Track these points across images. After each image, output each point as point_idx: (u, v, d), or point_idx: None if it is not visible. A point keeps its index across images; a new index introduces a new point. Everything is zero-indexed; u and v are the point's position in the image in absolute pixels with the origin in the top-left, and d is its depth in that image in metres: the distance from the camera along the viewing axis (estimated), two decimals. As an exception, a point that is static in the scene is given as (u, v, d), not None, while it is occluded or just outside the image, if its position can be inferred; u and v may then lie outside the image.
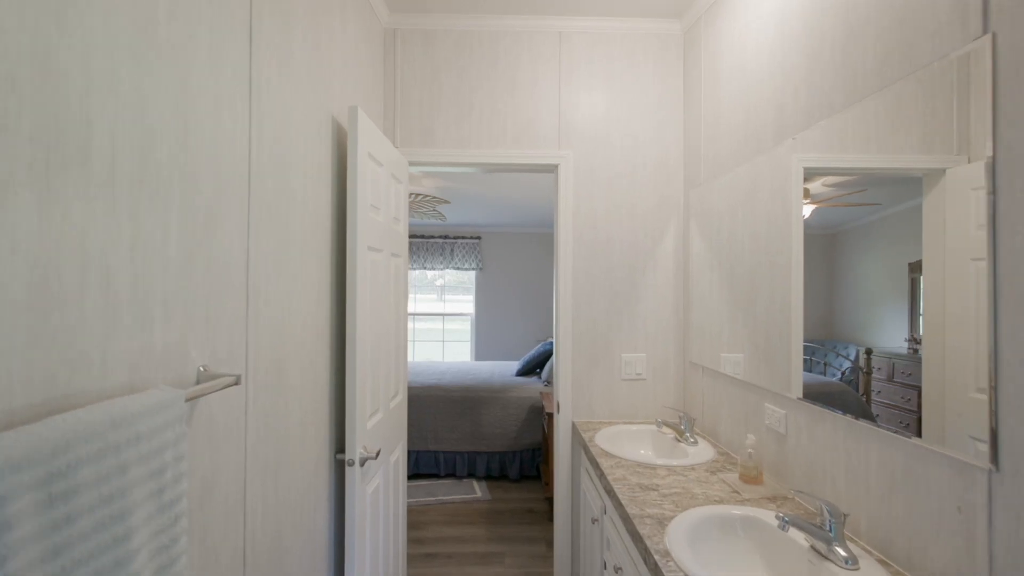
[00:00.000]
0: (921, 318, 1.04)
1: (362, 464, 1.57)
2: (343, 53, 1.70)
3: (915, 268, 1.05)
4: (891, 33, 1.12)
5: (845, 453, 1.24)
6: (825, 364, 1.35)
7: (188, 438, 0.84)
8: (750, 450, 1.54)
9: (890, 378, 1.12)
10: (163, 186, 0.78)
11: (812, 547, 1.13)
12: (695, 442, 1.90)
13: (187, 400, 0.73)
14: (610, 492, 1.54)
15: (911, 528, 1.04)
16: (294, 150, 1.29)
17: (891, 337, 1.12)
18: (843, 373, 1.29)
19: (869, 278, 1.19)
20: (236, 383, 0.87)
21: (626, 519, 1.35)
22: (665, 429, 2.05)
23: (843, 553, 1.06)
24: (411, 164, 2.32)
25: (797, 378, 1.46)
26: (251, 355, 1.06)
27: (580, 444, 2.10)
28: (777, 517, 1.11)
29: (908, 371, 1.07)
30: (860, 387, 1.22)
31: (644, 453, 2.06)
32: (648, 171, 2.34)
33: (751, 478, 1.52)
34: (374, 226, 1.74)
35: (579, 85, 2.33)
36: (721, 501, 1.41)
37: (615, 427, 2.15)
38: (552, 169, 2.36)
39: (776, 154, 1.57)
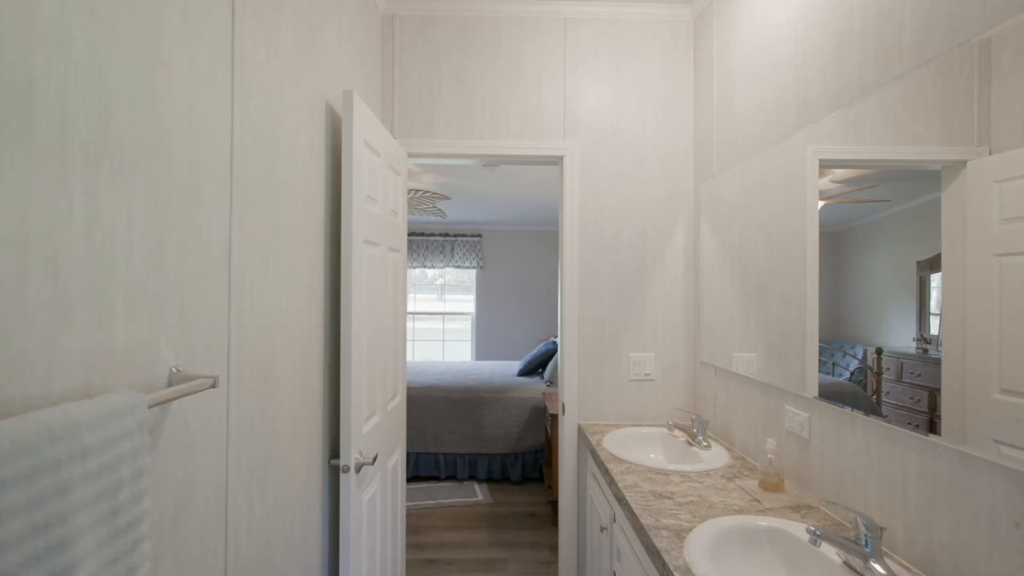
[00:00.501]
0: (932, 317, 1.01)
1: (358, 470, 1.48)
2: (338, 35, 1.61)
3: (924, 266, 1.02)
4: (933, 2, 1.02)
5: (879, 460, 1.14)
6: (833, 364, 1.32)
7: (155, 449, 0.74)
8: (770, 456, 1.44)
9: (899, 378, 1.09)
10: (127, 162, 0.69)
11: (846, 563, 1.04)
12: (708, 446, 1.81)
13: (151, 405, 0.64)
14: (621, 500, 1.45)
15: (958, 544, 0.95)
16: (283, 134, 1.20)
17: (898, 337, 1.10)
18: (852, 373, 1.25)
19: (876, 277, 1.16)
20: (213, 386, 0.78)
21: (640, 530, 1.26)
22: (676, 432, 1.96)
23: (881, 571, 0.97)
24: (410, 156, 2.23)
25: (812, 377, 1.39)
26: (234, 354, 0.97)
27: (587, 447, 2.01)
28: (808, 531, 1.01)
29: (917, 371, 1.04)
30: (870, 387, 1.19)
31: (655, 457, 1.96)
32: (657, 164, 2.25)
33: (772, 486, 1.43)
34: (371, 218, 1.65)
35: (585, 74, 2.24)
36: (741, 511, 1.32)
37: (623, 430, 2.06)
38: (557, 161, 2.27)
39: (790, 145, 1.51)
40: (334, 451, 1.56)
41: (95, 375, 0.63)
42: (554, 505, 3.28)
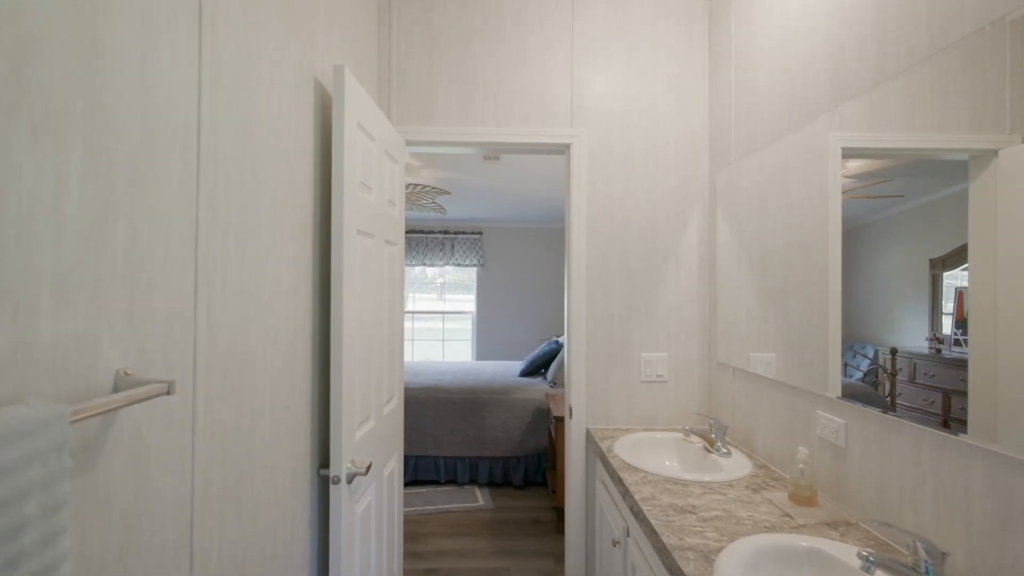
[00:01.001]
0: (944, 317, 0.98)
1: (349, 481, 1.35)
2: (329, 7, 1.48)
3: (937, 264, 1.01)
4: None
5: (934, 474, 1.02)
6: (845, 364, 1.30)
7: (94, 468, 0.61)
8: (801, 465, 1.32)
9: (912, 379, 1.06)
10: (54, 120, 0.56)
11: (901, 593, 0.91)
12: (728, 453, 1.68)
13: (77, 419, 0.51)
14: (638, 514, 1.32)
15: (1038, 574, 0.82)
16: (265, 107, 1.07)
17: (910, 336, 1.07)
18: (865, 374, 1.22)
19: (886, 275, 1.14)
20: (168, 392, 0.65)
21: (662, 550, 1.13)
22: (693, 438, 1.83)
23: (946, 604, 0.85)
24: (408, 144, 2.10)
25: (835, 377, 1.32)
26: (201, 354, 0.84)
27: (597, 454, 1.88)
28: (860, 556, 0.89)
29: (931, 372, 1.01)
30: (884, 388, 1.15)
31: (670, 465, 1.84)
32: (670, 152, 2.12)
33: (804, 499, 1.30)
34: (365, 207, 1.52)
35: (594, 57, 2.11)
36: (772, 528, 1.19)
37: (635, 435, 1.93)
38: (564, 150, 2.14)
39: (811, 133, 1.42)
40: (324, 460, 1.43)
41: (5, 381, 0.50)
42: (558, 511, 3.15)
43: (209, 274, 0.86)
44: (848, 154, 1.30)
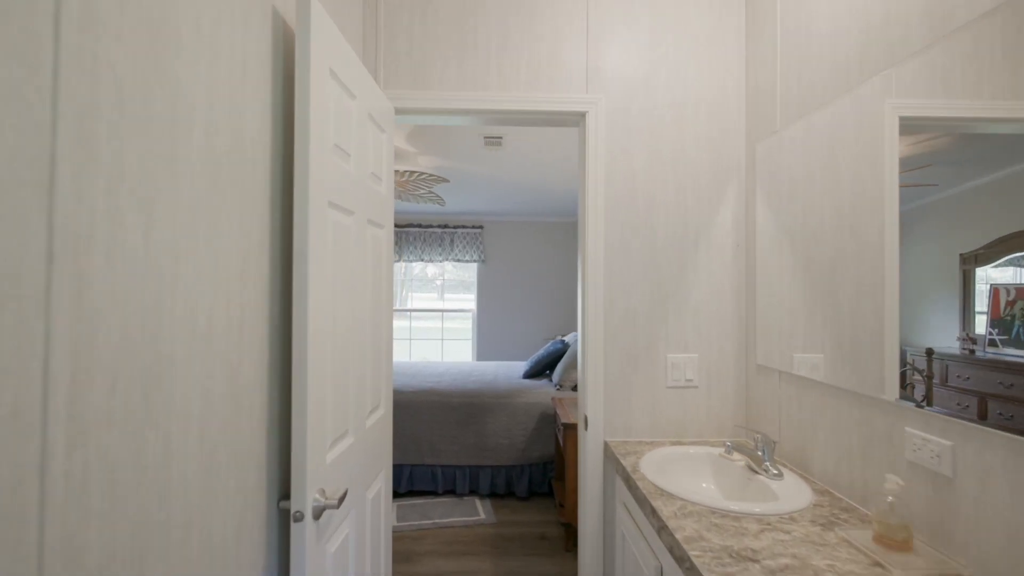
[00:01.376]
0: (977, 316, 0.92)
1: (317, 516, 1.07)
2: (295, -74, 1.19)
3: (969, 260, 0.94)
4: None
5: (1113, 525, 0.73)
6: None
7: None
8: (891, 498, 1.03)
9: (944, 381, 1.00)
10: None
11: None
12: (779, 475, 1.40)
13: None
14: (681, 560, 1.04)
15: None
16: (192, 22, 0.79)
17: (938, 336, 1.00)
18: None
19: (913, 270, 1.07)
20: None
21: (724, 618, 0.85)
22: (735, 455, 1.54)
23: None
24: (399, 112, 1.82)
25: (893, 378, 1.14)
26: (62, 360, 0.56)
27: (619, 473, 1.59)
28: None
29: (964, 374, 0.95)
30: (913, 391, 1.08)
31: (707, 488, 1.55)
32: (701, 121, 1.83)
33: (896, 542, 1.02)
34: (341, 176, 1.24)
35: (613, 13, 1.82)
36: (864, 584, 0.91)
37: (662, 449, 1.65)
38: (578, 119, 1.86)
39: (862, 98, 1.23)
40: (286, 489, 1.15)
41: None
42: (567, 527, 2.87)
43: (80, 238, 0.58)
44: (908, 125, 1.09)
